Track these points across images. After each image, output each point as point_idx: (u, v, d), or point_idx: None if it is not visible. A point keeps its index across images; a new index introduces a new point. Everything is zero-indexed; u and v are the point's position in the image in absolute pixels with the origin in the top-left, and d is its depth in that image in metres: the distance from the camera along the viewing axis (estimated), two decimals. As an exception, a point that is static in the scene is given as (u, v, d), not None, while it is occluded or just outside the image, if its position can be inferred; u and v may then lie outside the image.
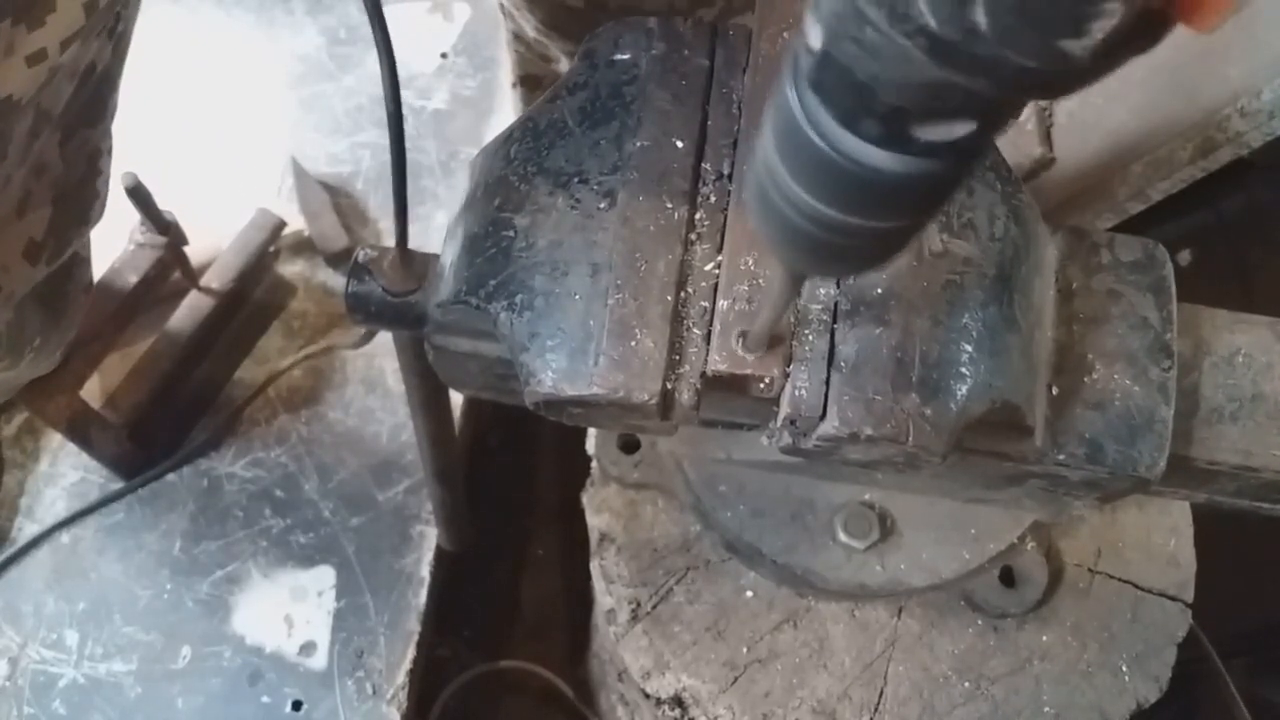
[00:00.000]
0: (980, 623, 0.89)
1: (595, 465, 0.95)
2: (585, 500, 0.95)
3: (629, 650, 0.89)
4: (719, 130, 0.66)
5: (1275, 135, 0.99)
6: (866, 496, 0.83)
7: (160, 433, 1.34)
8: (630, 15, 0.69)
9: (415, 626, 1.26)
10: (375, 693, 1.23)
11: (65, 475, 1.33)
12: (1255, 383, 0.71)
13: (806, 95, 0.39)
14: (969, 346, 0.60)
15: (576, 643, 1.50)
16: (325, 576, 1.29)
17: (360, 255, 0.69)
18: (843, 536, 0.82)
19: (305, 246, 1.46)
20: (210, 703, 1.22)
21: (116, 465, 1.31)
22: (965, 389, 0.59)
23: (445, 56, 1.63)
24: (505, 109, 1.58)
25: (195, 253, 1.34)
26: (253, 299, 1.42)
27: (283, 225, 1.40)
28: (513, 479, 1.68)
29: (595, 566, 0.93)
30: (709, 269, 0.62)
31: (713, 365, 0.59)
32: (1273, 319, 0.74)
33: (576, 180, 0.64)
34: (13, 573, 1.28)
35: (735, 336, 0.60)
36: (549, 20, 1.15)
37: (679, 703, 0.89)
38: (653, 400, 0.58)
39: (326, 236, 1.44)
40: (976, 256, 0.62)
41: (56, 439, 1.33)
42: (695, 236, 0.63)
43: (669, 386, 0.59)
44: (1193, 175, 1.08)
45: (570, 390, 0.58)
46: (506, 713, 1.55)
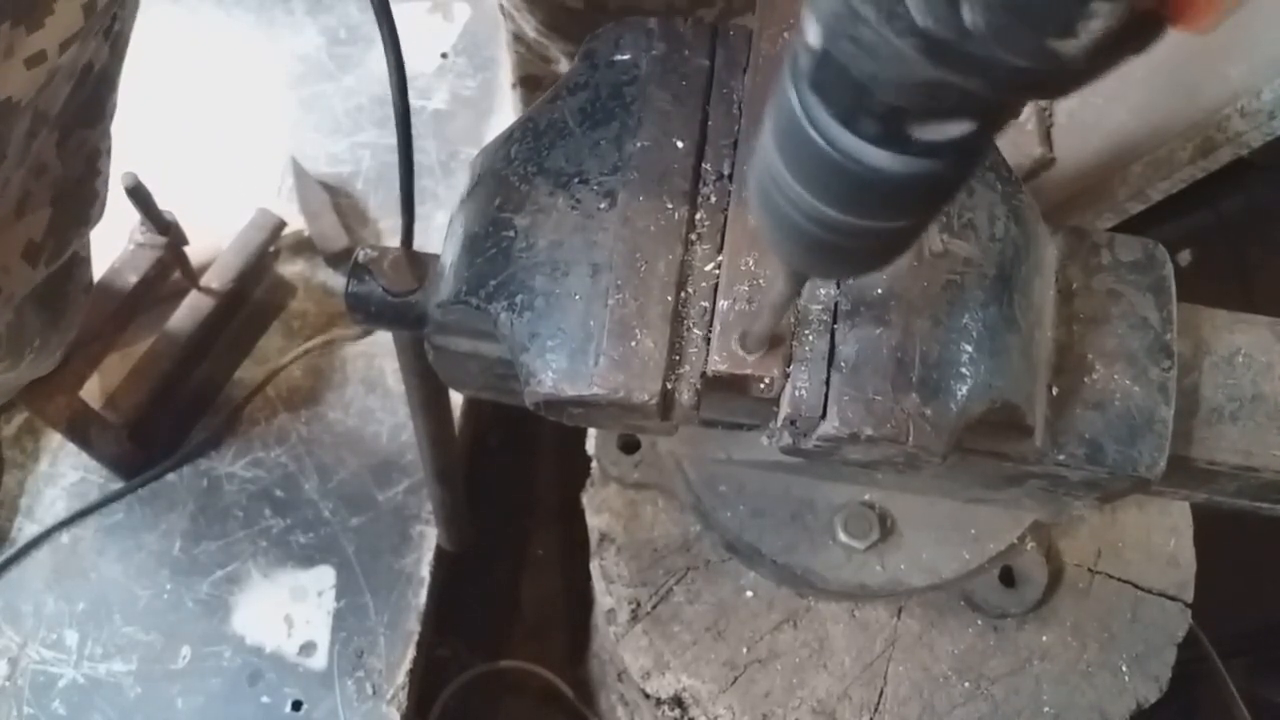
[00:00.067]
0: (980, 623, 0.89)
1: (595, 465, 0.95)
2: (585, 500, 0.95)
3: (629, 650, 0.89)
4: (719, 130, 0.66)
5: (1275, 135, 0.99)
6: (866, 496, 0.83)
7: (160, 433, 1.34)
8: (630, 16, 0.69)
9: (415, 626, 1.26)
10: (375, 693, 1.23)
11: (65, 475, 1.33)
12: (1255, 383, 0.71)
13: (806, 94, 0.39)
14: (969, 346, 0.60)
15: (576, 643, 1.50)
16: (325, 576, 1.29)
17: (360, 255, 0.69)
18: (843, 536, 0.82)
19: (305, 246, 1.46)
20: (210, 703, 1.22)
21: (116, 465, 1.31)
22: (965, 389, 0.59)
23: (445, 56, 1.63)
24: (505, 109, 1.58)
25: (195, 253, 1.34)
26: (253, 299, 1.42)
27: (283, 225, 1.40)
28: (513, 479, 1.68)
29: (595, 566, 0.93)
30: (709, 269, 0.62)
31: (713, 365, 0.59)
32: (1273, 319, 0.74)
33: (577, 180, 0.64)
34: (13, 573, 1.28)
35: (735, 337, 0.60)
36: (549, 21, 1.15)
37: (679, 703, 0.89)
38: (653, 400, 0.58)
39: (326, 236, 1.44)
40: (976, 256, 0.62)
41: (56, 439, 1.33)
42: (695, 237, 0.63)
43: (669, 387, 0.59)
44: (1193, 175, 1.08)
45: (570, 390, 0.58)
46: (506, 713, 1.55)
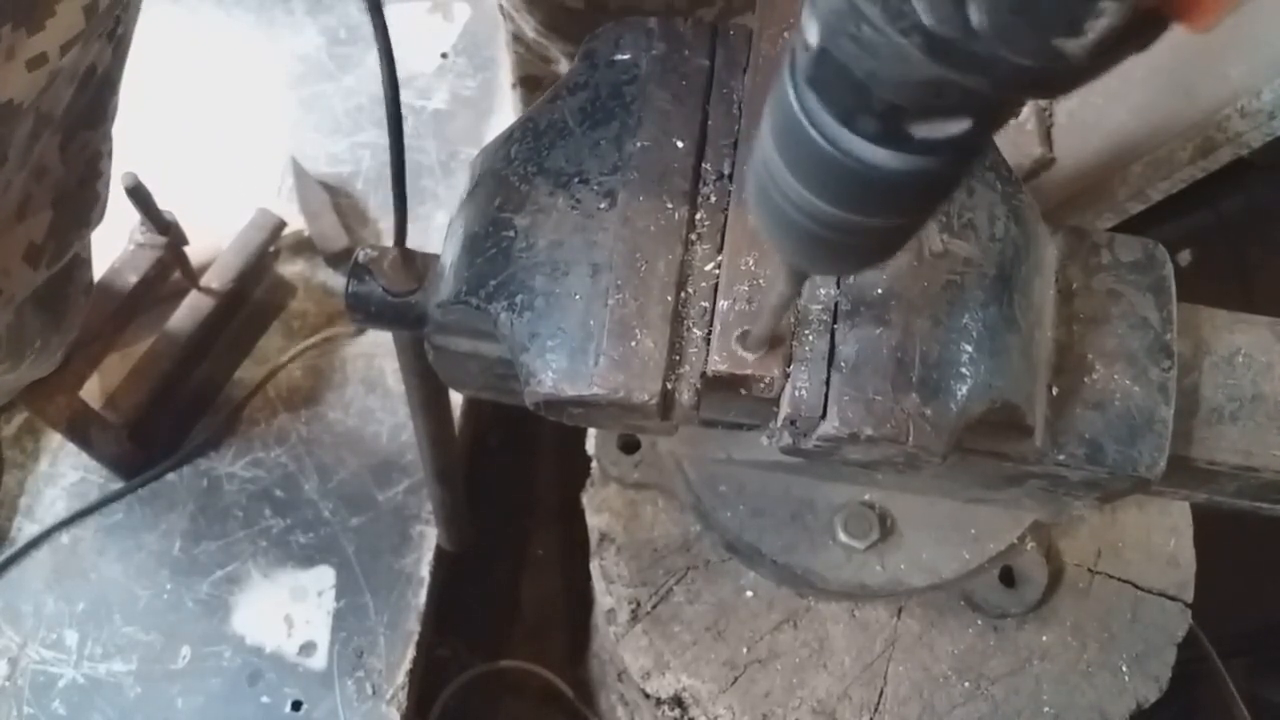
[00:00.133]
0: (980, 623, 0.89)
1: (595, 465, 0.95)
2: (585, 500, 0.95)
3: (629, 650, 0.89)
4: (719, 130, 0.66)
5: (1275, 135, 0.99)
6: (866, 496, 0.83)
7: (160, 433, 1.34)
8: (630, 16, 0.69)
9: (415, 626, 1.26)
10: (375, 693, 1.23)
11: (65, 475, 1.33)
12: (1255, 383, 0.71)
13: (805, 92, 0.39)
14: (969, 346, 0.60)
15: (576, 643, 1.50)
16: (325, 576, 1.29)
17: (360, 255, 0.69)
18: (843, 536, 0.82)
19: (305, 246, 1.46)
20: (210, 703, 1.22)
21: (116, 465, 1.31)
22: (965, 389, 0.59)
23: (445, 56, 1.64)
24: (505, 109, 1.58)
25: (195, 253, 1.34)
26: (253, 299, 1.42)
27: (283, 225, 1.40)
28: (513, 479, 1.68)
29: (595, 566, 0.93)
30: (709, 269, 0.62)
31: (713, 365, 0.59)
32: (1273, 319, 0.74)
33: (577, 180, 0.64)
34: (13, 573, 1.28)
35: (735, 336, 0.60)
36: (549, 21, 1.15)
37: (679, 703, 0.89)
38: (653, 400, 0.58)
39: (326, 236, 1.44)
40: (976, 256, 0.62)
41: (56, 439, 1.33)
42: (695, 236, 0.63)
43: (669, 386, 0.59)
44: (1193, 175, 1.08)
45: (570, 390, 0.58)
46: (506, 713, 1.55)
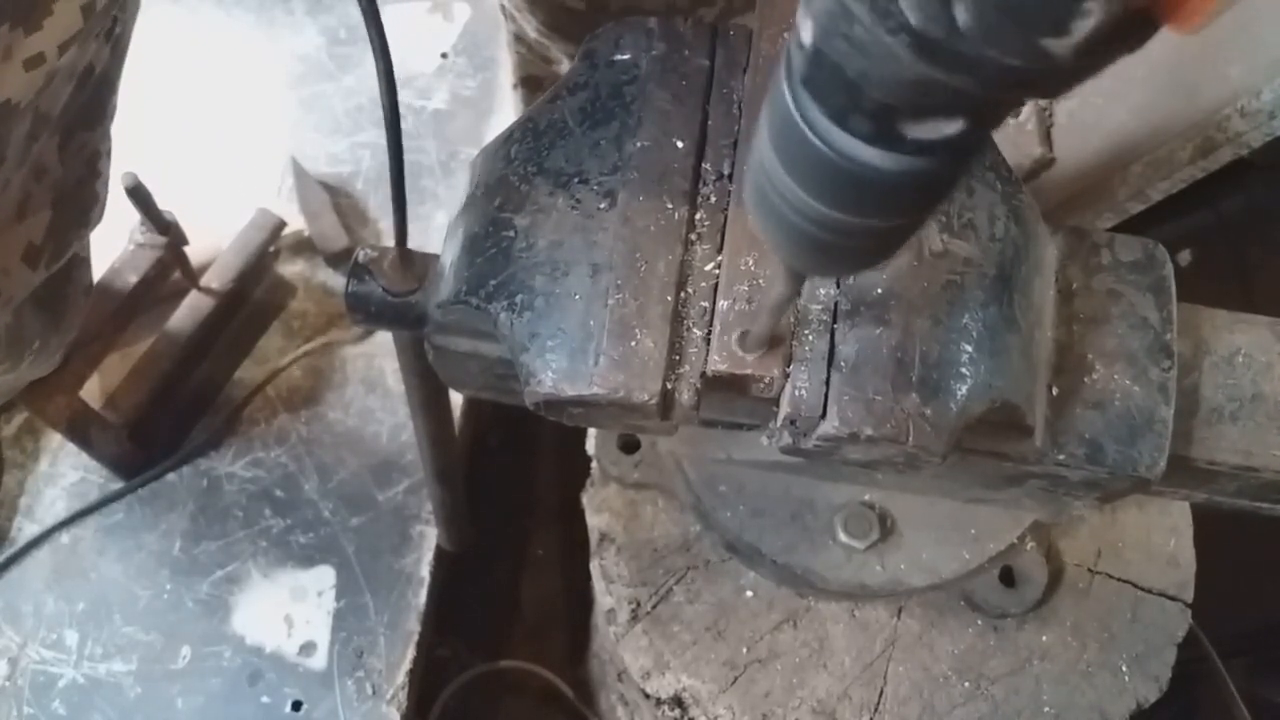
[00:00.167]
0: (980, 623, 0.89)
1: (595, 465, 0.95)
2: (585, 500, 0.95)
3: (629, 650, 0.89)
4: (719, 130, 0.66)
5: (1275, 135, 0.99)
6: (866, 496, 0.83)
7: (160, 433, 1.34)
8: (631, 16, 0.69)
9: (415, 626, 1.26)
10: (375, 693, 1.23)
11: (65, 475, 1.33)
12: (1255, 383, 0.71)
13: (800, 92, 0.39)
14: (969, 346, 0.60)
15: (576, 643, 1.50)
16: (325, 576, 1.29)
17: (360, 255, 0.69)
18: (843, 536, 0.82)
19: (305, 246, 1.46)
20: (210, 703, 1.22)
21: (116, 465, 1.31)
22: (965, 389, 0.59)
23: (445, 56, 1.64)
24: (505, 109, 1.58)
25: (195, 253, 1.34)
26: (253, 299, 1.42)
27: (283, 225, 1.40)
28: (513, 479, 1.68)
29: (595, 566, 0.93)
30: (709, 269, 0.62)
31: (713, 365, 0.59)
32: (1273, 319, 0.74)
33: (577, 180, 0.64)
34: (13, 573, 1.28)
35: (735, 337, 0.60)
36: (550, 22, 1.15)
37: (679, 703, 0.89)
38: (653, 400, 0.58)
39: (326, 236, 1.44)
40: (976, 256, 0.62)
41: (56, 439, 1.33)
42: (695, 236, 0.63)
43: (669, 386, 0.59)
44: (1193, 175, 1.08)
45: (570, 390, 0.58)
46: (506, 713, 1.55)
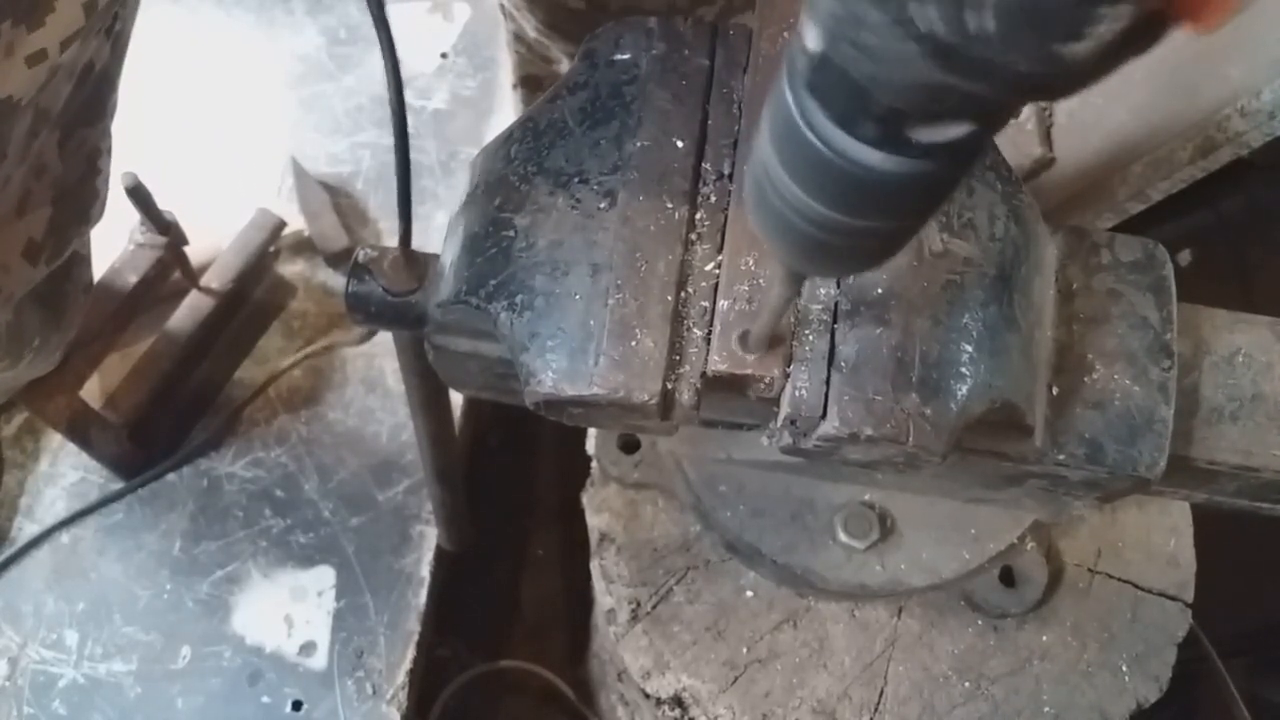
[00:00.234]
0: (980, 623, 0.89)
1: (595, 465, 0.95)
2: (585, 500, 0.95)
3: (629, 650, 0.89)
4: (719, 130, 0.66)
5: (1275, 135, 0.99)
6: (866, 496, 0.83)
7: (160, 433, 1.34)
8: (631, 15, 0.69)
9: (415, 626, 1.26)
10: (375, 693, 1.23)
11: (65, 475, 1.33)
12: (1255, 383, 0.71)
13: (803, 96, 0.39)
14: (969, 346, 0.60)
15: (576, 643, 1.50)
16: (325, 576, 1.29)
17: (360, 255, 0.69)
18: (843, 536, 0.82)
19: (305, 246, 1.46)
20: (210, 703, 1.22)
21: (116, 465, 1.31)
22: (965, 389, 0.59)
23: (445, 56, 1.63)
24: (505, 109, 1.58)
25: (195, 253, 1.34)
26: (253, 299, 1.42)
27: (283, 225, 1.40)
28: (513, 479, 1.68)
29: (595, 566, 0.93)
30: (709, 269, 0.62)
31: (713, 365, 0.59)
32: (1273, 319, 0.74)
33: (577, 180, 0.64)
34: (13, 573, 1.28)
35: (735, 337, 0.60)
36: (550, 21, 1.15)
37: (679, 703, 0.89)
38: (653, 400, 0.58)
39: (326, 236, 1.44)
40: (976, 256, 0.62)
41: (56, 439, 1.32)
42: (695, 236, 0.63)
43: (669, 386, 0.59)
44: (1193, 175, 1.08)
45: (570, 390, 0.58)
46: (506, 713, 1.55)
